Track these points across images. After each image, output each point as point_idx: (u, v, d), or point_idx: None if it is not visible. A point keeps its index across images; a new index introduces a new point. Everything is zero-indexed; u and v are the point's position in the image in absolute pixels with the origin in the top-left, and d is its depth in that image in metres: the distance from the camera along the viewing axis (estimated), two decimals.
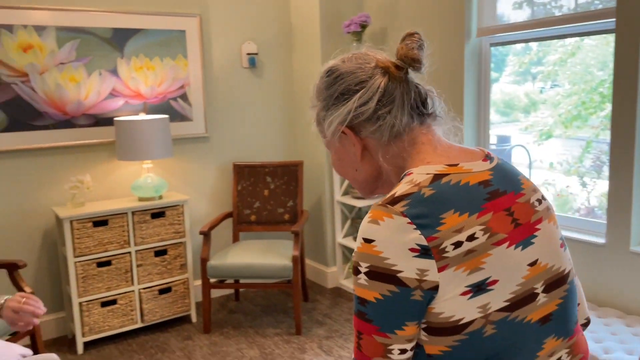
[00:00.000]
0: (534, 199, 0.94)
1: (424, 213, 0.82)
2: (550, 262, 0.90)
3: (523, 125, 3.83)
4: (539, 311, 0.87)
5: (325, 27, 3.81)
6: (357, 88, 0.95)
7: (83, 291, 3.15)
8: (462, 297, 0.81)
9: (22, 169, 3.22)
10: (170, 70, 3.62)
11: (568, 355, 0.91)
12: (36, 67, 3.18)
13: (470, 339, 0.82)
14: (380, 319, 0.82)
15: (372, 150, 0.97)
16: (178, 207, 3.42)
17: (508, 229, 0.86)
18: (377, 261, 0.81)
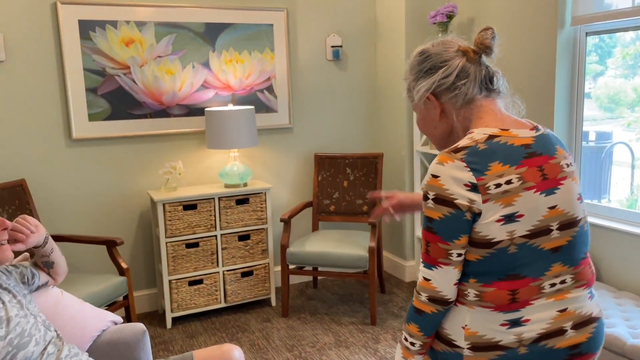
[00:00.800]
0: (564, 162, 1.24)
1: (476, 161, 1.14)
2: (566, 208, 1.20)
3: (626, 121, 3.57)
4: (551, 242, 1.18)
5: (411, 19, 3.78)
6: (441, 65, 1.26)
7: (173, 270, 3.37)
8: (496, 223, 1.14)
9: (122, 155, 3.50)
10: (258, 63, 3.76)
11: (572, 280, 1.21)
12: (137, 60, 3.44)
13: (497, 253, 1.15)
14: (443, 231, 1.16)
15: (448, 113, 1.28)
16: (261, 194, 3.56)
17: (537, 180, 1.17)
18: (441, 191, 1.15)
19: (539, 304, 1.17)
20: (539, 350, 1.17)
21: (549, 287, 1.18)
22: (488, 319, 1.17)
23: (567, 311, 1.20)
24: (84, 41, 3.29)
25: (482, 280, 1.17)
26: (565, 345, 1.19)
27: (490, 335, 1.17)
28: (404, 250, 4.09)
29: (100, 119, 3.39)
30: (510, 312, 1.16)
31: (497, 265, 1.16)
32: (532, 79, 3.29)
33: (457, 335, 1.20)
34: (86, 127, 3.37)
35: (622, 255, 2.87)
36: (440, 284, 1.17)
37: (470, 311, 1.18)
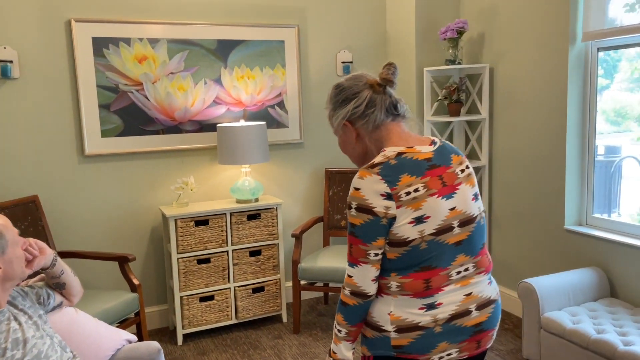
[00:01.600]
0: (458, 169, 1.46)
1: (389, 174, 1.36)
2: (464, 208, 1.43)
3: (636, 135, 3.55)
4: (454, 237, 1.41)
5: (421, 34, 3.80)
6: (353, 97, 1.48)
7: (184, 286, 3.37)
8: (409, 224, 1.36)
9: (134, 170, 3.51)
10: (269, 79, 3.78)
11: (474, 267, 1.45)
12: (149, 76, 3.46)
13: (412, 250, 1.37)
14: (363, 235, 1.37)
15: (362, 136, 1.50)
16: (272, 209, 3.56)
17: (438, 187, 1.39)
18: (362, 201, 1.36)
19: (449, 289, 1.40)
20: (451, 329, 1.40)
21: (456, 275, 1.42)
22: (408, 305, 1.39)
23: (472, 295, 1.44)
24: (97, 58, 3.32)
25: (401, 273, 1.39)
26: (471, 323, 1.43)
27: (411, 319, 1.39)
28: None
29: (113, 135, 3.41)
30: (426, 298, 1.39)
31: (412, 260, 1.38)
32: (544, 94, 3.28)
33: (384, 321, 1.41)
34: (99, 143, 3.39)
35: (637, 271, 2.83)
36: (360, 280, 1.39)
37: (394, 300, 1.40)
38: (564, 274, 2.93)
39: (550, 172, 3.29)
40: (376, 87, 1.48)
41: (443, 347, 1.40)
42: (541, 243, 3.41)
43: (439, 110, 3.89)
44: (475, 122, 3.84)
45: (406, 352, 1.40)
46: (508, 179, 3.62)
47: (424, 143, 1.46)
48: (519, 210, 3.55)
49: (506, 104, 3.58)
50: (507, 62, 3.52)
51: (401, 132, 1.48)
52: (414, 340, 1.39)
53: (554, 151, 3.25)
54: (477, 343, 1.45)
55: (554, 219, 3.30)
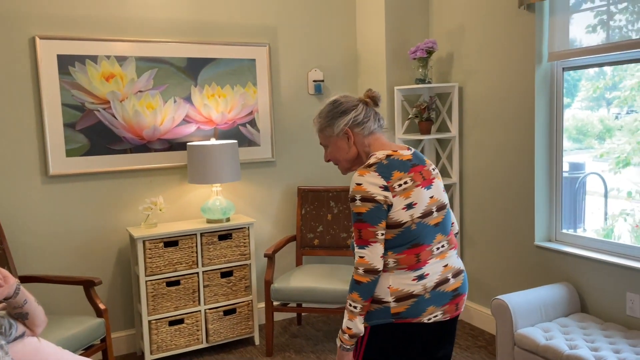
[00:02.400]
0: (431, 168, 1.83)
1: (384, 171, 1.70)
2: (439, 197, 1.79)
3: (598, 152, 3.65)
4: (434, 220, 1.75)
5: (391, 54, 3.84)
6: (352, 108, 1.80)
7: (153, 309, 3.26)
8: (402, 210, 1.69)
9: (101, 191, 3.41)
10: (240, 97, 3.75)
11: (447, 244, 1.80)
12: (117, 94, 3.39)
13: (404, 230, 1.69)
14: (371, 219, 1.66)
15: (357, 141, 1.81)
16: (244, 229, 3.50)
17: (420, 180, 1.75)
18: (365, 193, 1.67)
19: (432, 262, 1.74)
20: (436, 294, 1.73)
21: (436, 250, 1.76)
22: (404, 277, 1.70)
23: (448, 266, 1.78)
24: (62, 76, 3.23)
25: (396, 251, 1.70)
26: (450, 289, 1.77)
27: (407, 289, 1.69)
28: None
29: (79, 155, 3.32)
30: (417, 270, 1.71)
31: (405, 239, 1.70)
32: (512, 113, 3.34)
33: (385, 294, 1.70)
34: (64, 163, 3.28)
35: (605, 286, 2.88)
36: (371, 258, 1.66)
37: (391, 275, 1.70)
38: (535, 290, 2.95)
39: (519, 189, 3.34)
40: (370, 103, 1.83)
41: (431, 310, 1.72)
42: (512, 259, 3.44)
43: (410, 129, 3.92)
44: (446, 140, 3.89)
45: (403, 317, 1.70)
46: (479, 196, 3.66)
47: (403, 148, 1.82)
48: (490, 227, 3.58)
49: (475, 122, 3.63)
50: (476, 82, 3.58)
51: (385, 140, 1.83)
52: (409, 306, 1.69)
53: (522, 168, 3.30)
54: (456, 305, 1.79)
55: (524, 235, 3.34)
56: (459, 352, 3.35)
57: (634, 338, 2.62)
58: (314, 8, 3.96)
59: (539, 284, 3.27)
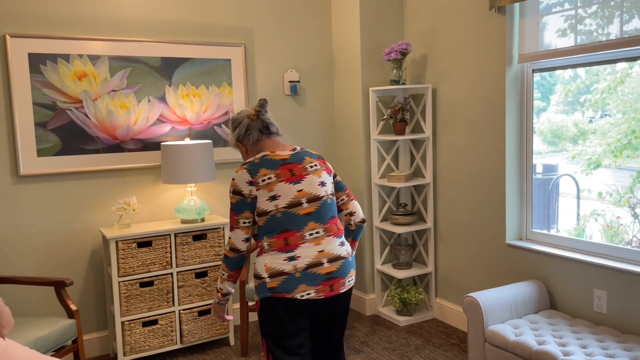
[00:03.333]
0: (308, 165, 2.08)
1: (252, 169, 2.01)
2: (310, 190, 2.03)
3: (570, 154, 3.73)
4: (304, 210, 2.00)
5: (366, 56, 3.87)
6: (238, 125, 2.17)
7: (126, 310, 3.23)
8: (266, 201, 1.98)
9: (73, 191, 3.37)
10: (216, 97, 3.74)
11: (323, 231, 2.03)
12: (90, 94, 3.36)
13: (271, 218, 1.98)
14: (235, 209, 2.01)
15: (248, 150, 2.17)
16: (219, 229, 3.49)
17: (287, 176, 2.01)
18: (235, 187, 2.01)
19: (305, 246, 1.98)
20: (307, 274, 1.96)
21: (309, 236, 2.00)
22: (276, 257, 1.97)
23: (324, 251, 2.00)
24: (34, 75, 3.19)
25: (269, 235, 2.00)
26: (323, 272, 1.99)
27: (279, 267, 1.96)
28: (364, 283, 4.07)
29: (50, 154, 3.28)
30: (287, 252, 1.97)
31: (273, 225, 1.98)
32: (483, 114, 3.40)
33: (262, 270, 1.99)
34: (35, 163, 3.24)
35: (574, 283, 2.95)
36: (235, 240, 2.03)
37: (267, 255, 1.99)
38: (506, 287, 3.00)
39: (491, 189, 3.39)
40: (252, 117, 2.16)
41: (303, 288, 1.96)
42: (484, 257, 3.49)
43: (385, 129, 3.96)
44: (420, 140, 3.93)
45: (277, 292, 1.96)
46: (451, 195, 3.71)
47: (286, 149, 2.12)
48: (463, 226, 3.64)
49: (448, 123, 3.68)
50: (449, 83, 3.64)
51: (272, 143, 2.15)
52: (280, 282, 1.95)
53: (494, 169, 3.36)
54: (330, 287, 2.00)
55: (495, 234, 3.39)
56: (432, 350, 3.39)
57: (601, 333, 2.69)
58: (290, 9, 3.97)
59: (509, 281, 3.33)
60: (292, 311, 1.96)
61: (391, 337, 3.62)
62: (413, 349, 3.43)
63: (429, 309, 3.97)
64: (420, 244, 3.99)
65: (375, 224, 3.95)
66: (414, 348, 3.44)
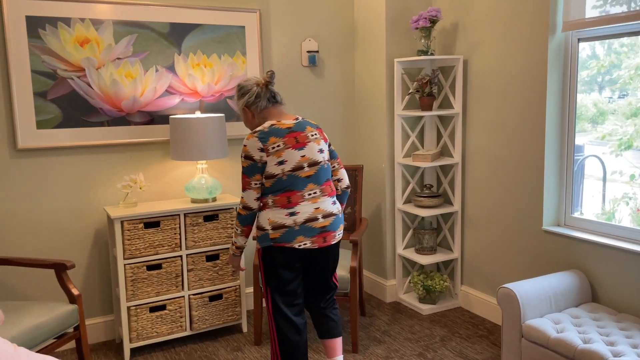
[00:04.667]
0: (310, 134, 2.34)
1: (263, 136, 2.26)
2: (311, 156, 2.30)
3: (599, 134, 3.43)
4: (305, 173, 2.28)
5: (391, 23, 3.57)
6: (247, 91, 2.40)
7: (132, 295, 3.03)
8: (274, 165, 2.25)
9: (76, 166, 3.14)
10: (228, 67, 3.47)
11: (320, 192, 2.32)
12: (92, 61, 3.10)
13: (277, 180, 2.25)
14: (247, 172, 2.27)
15: (255, 115, 2.41)
16: (231, 210, 3.26)
17: (293, 143, 2.28)
18: (247, 153, 2.26)
19: (304, 204, 2.28)
20: (305, 228, 2.27)
21: (308, 195, 2.29)
22: (279, 212, 2.26)
23: (319, 209, 2.31)
24: (32, 40, 2.94)
25: (274, 194, 2.26)
26: (318, 226, 2.30)
27: (281, 221, 2.26)
28: (384, 268, 3.84)
29: (50, 127, 3.04)
30: (289, 209, 2.26)
31: (279, 186, 2.26)
32: (521, 88, 3.10)
33: (266, 223, 2.28)
34: (34, 136, 3.00)
35: (619, 274, 2.68)
36: (247, 199, 2.29)
37: (270, 211, 2.27)
38: (544, 278, 2.75)
39: (527, 170, 3.12)
40: (261, 85, 2.39)
41: (300, 239, 2.28)
42: (517, 244, 3.23)
43: (410, 104, 3.67)
44: (448, 117, 3.64)
45: (278, 241, 2.28)
46: (482, 177, 3.44)
47: (289, 118, 2.37)
48: (494, 210, 3.37)
49: (480, 98, 3.39)
50: (482, 54, 3.33)
51: (277, 112, 2.40)
52: (282, 234, 2.27)
53: (531, 148, 3.08)
54: (323, 239, 2.33)
55: (531, 219, 3.12)
56: (458, 341, 3.16)
57: None
58: None
59: (546, 271, 3.07)
60: (290, 258, 2.31)
61: (414, 327, 3.39)
62: (438, 340, 3.20)
63: (453, 297, 3.73)
64: (445, 228, 3.73)
65: (398, 206, 3.69)
66: (439, 339, 3.20)
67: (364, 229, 3.34)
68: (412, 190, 3.77)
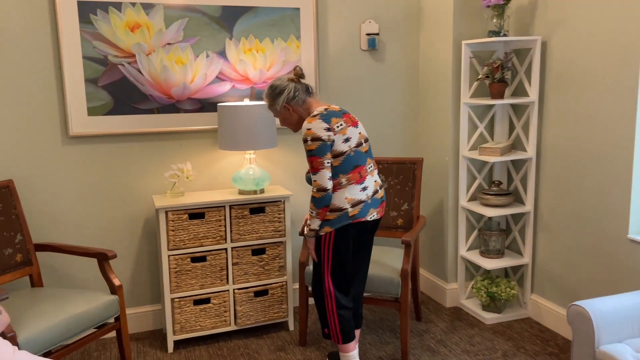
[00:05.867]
0: (353, 116, 2.52)
1: (325, 118, 2.38)
2: (363, 133, 2.50)
3: None
4: (363, 148, 2.47)
5: (460, 1, 3.22)
6: (284, 89, 2.47)
7: (176, 287, 2.97)
8: (342, 143, 2.39)
9: (126, 154, 3.11)
10: (281, 52, 3.30)
11: (373, 166, 2.52)
12: (143, 47, 3.04)
13: (346, 157, 2.39)
14: (318, 153, 2.33)
15: (296, 110, 2.49)
16: (279, 203, 3.10)
17: (350, 122, 2.45)
18: (314, 135, 2.34)
19: (368, 178, 2.45)
20: (373, 200, 2.47)
21: (369, 169, 2.47)
22: (355, 189, 2.39)
23: (377, 181, 2.51)
24: (83, 25, 2.91)
25: (345, 172, 2.38)
26: (379, 196, 2.51)
27: (357, 197, 2.40)
28: (444, 270, 3.54)
29: (101, 114, 3.02)
30: (361, 184, 2.42)
31: (348, 163, 2.38)
32: (610, 74, 2.68)
33: (343, 203, 2.38)
34: (85, 123, 3.00)
35: None
36: (321, 180, 2.33)
37: (346, 189, 2.38)
38: (627, 295, 2.35)
39: (612, 169, 2.70)
40: (295, 80, 2.47)
41: (372, 211, 2.45)
42: (597, 253, 2.83)
43: (479, 92, 3.33)
44: (522, 106, 3.26)
45: (357, 217, 2.40)
46: (559, 174, 3.04)
47: (331, 105, 2.46)
48: (572, 213, 2.97)
49: (561, 85, 2.98)
50: (565, 34, 2.92)
51: (315, 102, 2.48)
52: (360, 209, 2.40)
53: (618, 144, 2.65)
54: (382, 208, 2.54)
55: (615, 225, 2.71)
56: (524, 358, 2.83)
57: None
58: None
59: (632, 287, 2.66)
60: (361, 232, 2.48)
61: (474, 338, 3.09)
62: (500, 355, 2.88)
63: (521, 306, 3.37)
64: (515, 230, 3.37)
65: (462, 204, 3.37)
66: (501, 354, 2.89)
67: (420, 229, 3.07)
68: (478, 186, 3.43)
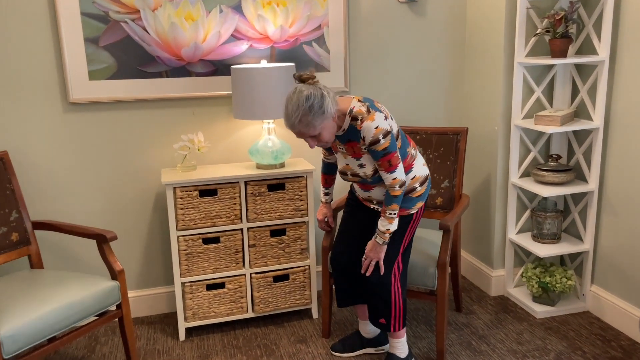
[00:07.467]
0: None
1: (375, 108, 2.17)
2: None
3: None
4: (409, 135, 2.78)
5: None
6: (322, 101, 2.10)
7: (187, 270, 2.69)
8: (395, 124, 2.22)
9: (132, 122, 2.81)
10: (305, 6, 2.89)
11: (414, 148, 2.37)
12: (148, 1, 2.69)
13: (402, 135, 2.27)
14: (392, 148, 2.15)
15: (334, 116, 2.18)
16: (301, 179, 2.76)
17: None
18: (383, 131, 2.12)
19: None
20: (430, 178, 2.56)
21: None
22: (418, 166, 2.32)
23: None
24: None
25: (409, 145, 2.31)
26: None
27: (424, 173, 2.34)
28: (490, 255, 3.13)
29: (104, 78, 2.72)
30: (420, 158, 2.36)
31: (405, 140, 2.30)
32: None
33: (424, 170, 2.35)
34: (86, 88, 2.70)
35: None
36: (400, 175, 2.19)
37: (412, 170, 2.29)
38: None
39: None
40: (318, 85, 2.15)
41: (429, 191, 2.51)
42: None
43: (537, 49, 2.83)
44: (589, 66, 2.75)
45: (422, 199, 2.33)
46: (630, 148, 2.55)
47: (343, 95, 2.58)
48: None
49: (638, 41, 2.46)
50: None
51: (340, 98, 2.24)
52: (425, 189, 2.34)
53: None
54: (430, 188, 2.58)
55: None
56: None
57: None
58: None
59: None
60: None
61: (522, 335, 2.70)
62: (552, 358, 2.49)
63: (580, 299, 2.94)
64: (575, 212, 2.91)
65: (512, 180, 2.93)
66: (554, 357, 2.49)
67: (462, 211, 2.66)
68: (532, 160, 2.97)
